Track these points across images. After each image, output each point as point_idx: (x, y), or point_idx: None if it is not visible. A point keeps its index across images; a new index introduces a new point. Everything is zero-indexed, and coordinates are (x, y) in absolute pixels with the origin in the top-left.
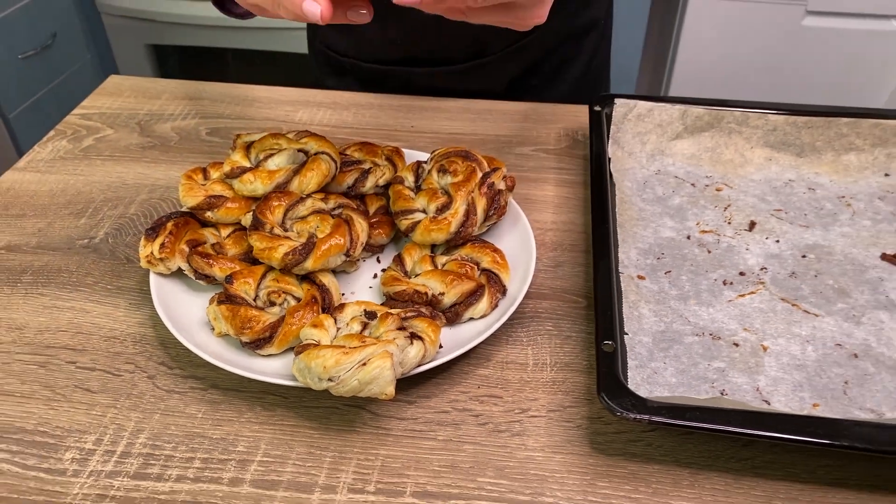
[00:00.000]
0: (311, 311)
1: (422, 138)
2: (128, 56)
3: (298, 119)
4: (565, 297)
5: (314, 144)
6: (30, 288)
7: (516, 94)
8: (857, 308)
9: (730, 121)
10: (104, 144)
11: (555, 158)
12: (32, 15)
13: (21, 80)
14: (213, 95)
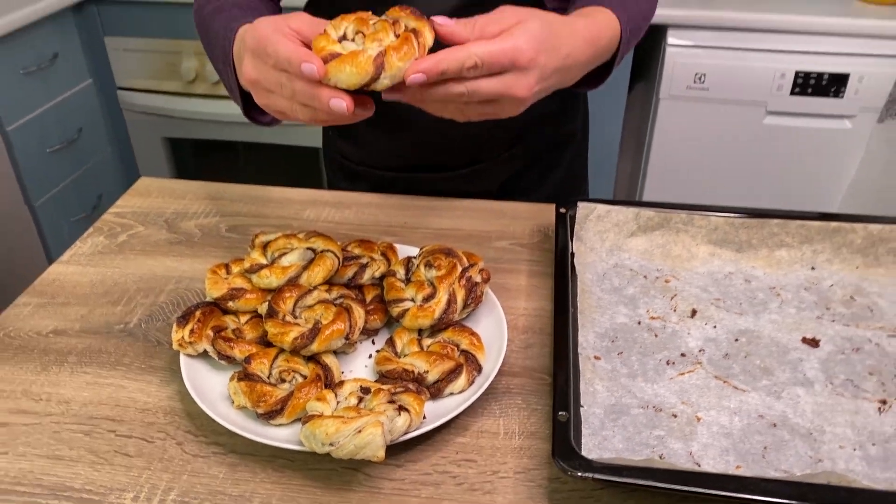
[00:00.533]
0: (316, 387)
1: (414, 233)
2: (146, 149)
3: (306, 216)
4: (534, 374)
5: (321, 243)
6: (75, 367)
7: (507, 196)
8: (779, 384)
9: (677, 221)
10: (136, 240)
11: (528, 252)
12: (62, 112)
13: (47, 171)
14: (231, 196)
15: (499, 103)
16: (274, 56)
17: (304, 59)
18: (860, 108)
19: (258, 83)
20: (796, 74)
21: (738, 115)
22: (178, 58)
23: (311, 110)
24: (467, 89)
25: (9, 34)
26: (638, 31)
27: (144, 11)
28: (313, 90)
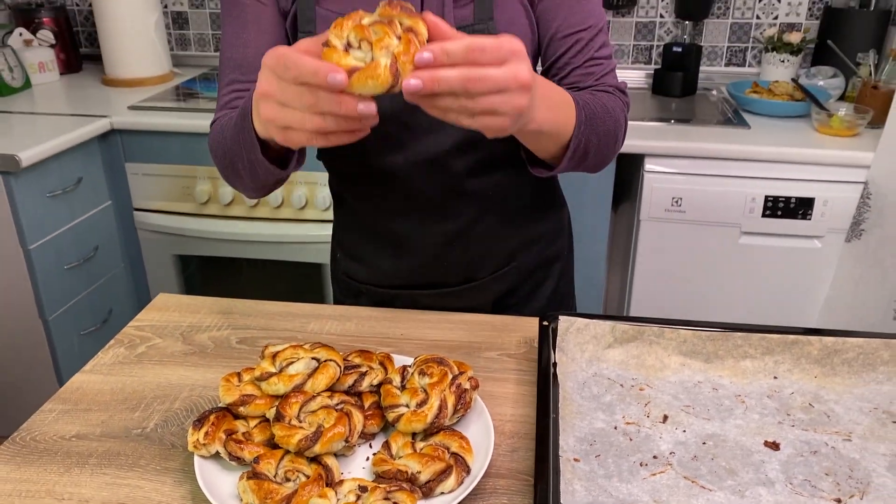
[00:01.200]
0: (318, 486)
1: (409, 344)
2: (156, 265)
3: (310, 329)
4: (519, 476)
5: (324, 353)
6: (95, 469)
7: (500, 311)
8: (743, 484)
9: (649, 334)
10: (154, 351)
11: (515, 362)
12: (81, 231)
13: (62, 287)
14: (241, 310)
15: (507, 93)
16: (296, 69)
17: (331, 70)
18: (828, 229)
19: (271, 96)
20: (766, 198)
21: (715, 235)
22: (194, 182)
23: (323, 119)
24: (480, 74)
25: (40, 161)
26: (592, 141)
27: (163, 140)
28: (339, 98)
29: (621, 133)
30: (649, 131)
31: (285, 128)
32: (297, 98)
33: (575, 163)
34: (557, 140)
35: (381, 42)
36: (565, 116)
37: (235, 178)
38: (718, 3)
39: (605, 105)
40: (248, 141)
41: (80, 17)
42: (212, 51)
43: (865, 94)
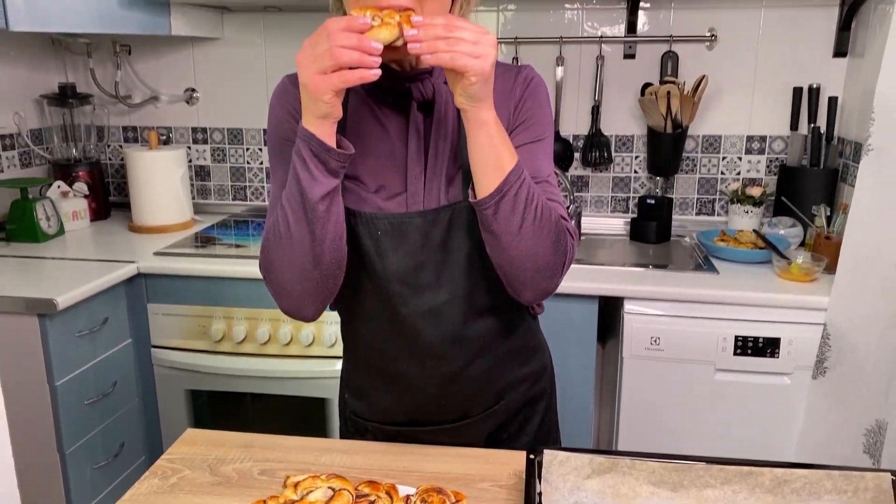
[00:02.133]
0: None
1: (411, 475)
2: (169, 400)
3: (323, 461)
4: None
5: (338, 483)
6: None
7: (492, 446)
8: None
9: (623, 466)
10: (184, 482)
11: (506, 492)
12: (102, 368)
13: (81, 421)
14: (262, 444)
15: (481, 43)
16: (335, 24)
17: (358, 17)
18: (795, 366)
19: (306, 50)
20: (736, 338)
21: (692, 372)
22: (210, 321)
23: (348, 51)
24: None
25: (74, 304)
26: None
27: (183, 283)
28: (360, 36)
29: (562, 257)
30: (629, 275)
31: (318, 72)
32: (325, 41)
33: (507, 214)
34: (498, 159)
35: (390, 14)
36: (508, 145)
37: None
38: (686, 161)
39: (547, 204)
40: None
41: (112, 170)
42: (230, 200)
43: (820, 243)
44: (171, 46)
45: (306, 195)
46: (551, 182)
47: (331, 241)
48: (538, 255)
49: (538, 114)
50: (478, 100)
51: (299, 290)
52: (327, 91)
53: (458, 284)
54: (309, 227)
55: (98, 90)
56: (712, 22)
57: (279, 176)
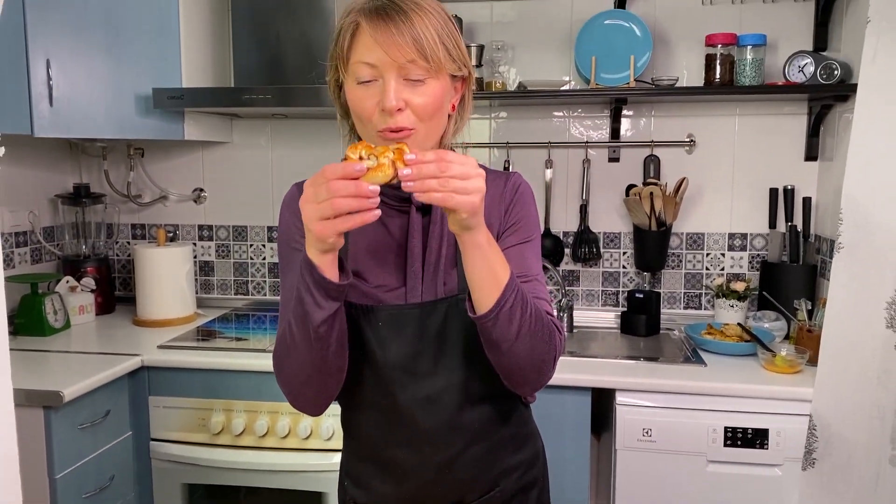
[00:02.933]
0: None
1: None
2: (165, 493)
3: None
4: None
5: None
6: None
7: None
8: None
9: None
10: None
11: None
12: (102, 461)
13: None
14: None
15: (470, 179)
16: (330, 170)
17: (355, 164)
18: (785, 458)
19: (309, 200)
20: (726, 429)
21: (685, 464)
22: (209, 413)
23: (347, 200)
24: (448, 163)
25: (78, 397)
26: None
27: (185, 376)
28: (357, 182)
29: (553, 353)
30: (620, 368)
31: (321, 219)
32: (326, 190)
33: (506, 326)
34: (494, 277)
35: (383, 153)
36: (503, 263)
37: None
38: (672, 257)
39: (539, 308)
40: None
41: (119, 266)
42: (232, 294)
43: (803, 336)
44: (183, 149)
45: (309, 318)
46: (540, 280)
47: (333, 353)
48: (535, 356)
49: (526, 217)
50: (470, 228)
51: (306, 393)
52: (331, 235)
53: (454, 373)
54: (313, 344)
55: (111, 190)
56: (690, 128)
57: (288, 281)
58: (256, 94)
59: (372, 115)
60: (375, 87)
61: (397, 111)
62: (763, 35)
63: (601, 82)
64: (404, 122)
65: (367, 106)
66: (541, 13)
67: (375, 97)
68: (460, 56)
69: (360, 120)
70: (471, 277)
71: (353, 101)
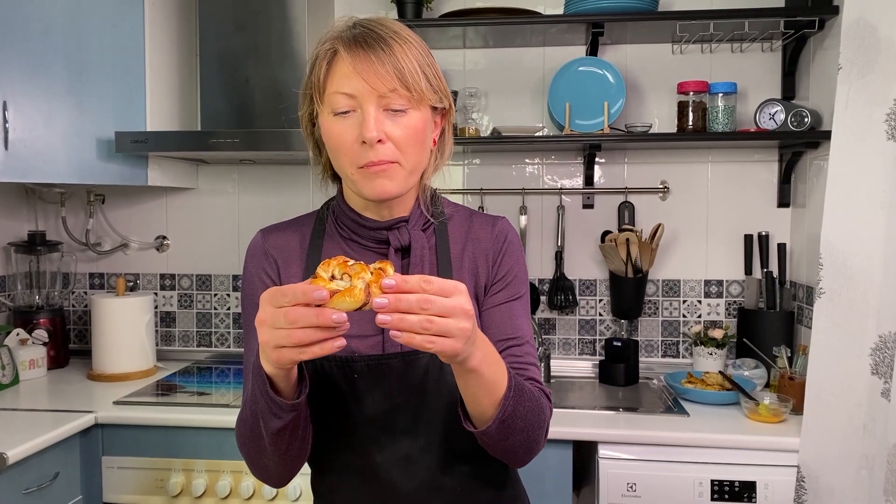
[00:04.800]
0: None
1: None
2: None
3: None
4: None
5: None
6: None
7: None
8: None
9: None
10: None
11: None
12: None
13: None
14: None
15: (454, 317)
16: (290, 293)
17: (315, 289)
18: None
19: (265, 322)
20: (712, 482)
21: None
22: (168, 474)
23: (304, 331)
24: (431, 298)
25: (24, 458)
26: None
27: (142, 433)
28: (320, 311)
29: (545, 427)
30: (601, 419)
31: (277, 347)
32: (284, 318)
33: (504, 431)
34: (490, 392)
35: (359, 274)
36: (499, 371)
37: (258, 452)
38: (648, 304)
39: (533, 392)
40: (260, 384)
41: (75, 317)
42: (195, 346)
43: (785, 384)
44: (145, 196)
45: (266, 423)
46: (530, 342)
47: (295, 448)
48: (529, 440)
49: (515, 269)
50: (461, 361)
51: (267, 473)
52: (288, 363)
53: (435, 430)
54: (269, 443)
55: (68, 237)
56: (664, 175)
57: (252, 343)
58: (223, 139)
59: (350, 150)
60: (353, 118)
61: (378, 143)
62: (734, 83)
63: (575, 128)
64: (386, 154)
65: (346, 139)
66: (513, 61)
67: (354, 129)
68: (441, 87)
69: (336, 154)
70: (464, 394)
71: (330, 134)
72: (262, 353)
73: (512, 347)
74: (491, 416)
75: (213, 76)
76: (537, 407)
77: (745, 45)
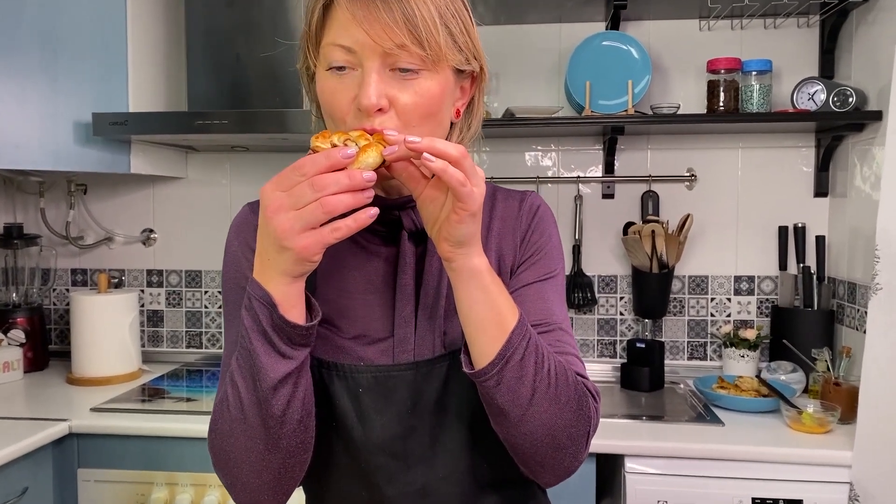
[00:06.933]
0: None
1: None
2: None
3: None
4: None
5: None
6: None
7: None
8: None
9: None
10: None
11: None
12: None
13: None
14: None
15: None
16: (309, 163)
17: (340, 149)
18: None
19: (281, 207)
20: (753, 501)
21: None
22: (150, 488)
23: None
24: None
25: None
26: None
27: (122, 444)
28: (349, 172)
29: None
30: (627, 429)
31: (304, 230)
32: (309, 191)
33: (511, 380)
34: (497, 318)
35: (362, 136)
36: (507, 297)
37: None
38: (673, 303)
39: (563, 367)
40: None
41: (56, 316)
42: (184, 347)
43: (829, 390)
44: (130, 186)
45: (263, 374)
46: (566, 329)
47: (296, 424)
48: (557, 430)
49: (547, 246)
50: (467, 243)
51: (257, 483)
52: (320, 251)
53: (457, 456)
54: (266, 412)
55: (48, 230)
56: (690, 162)
57: (233, 334)
58: (211, 120)
59: (346, 115)
60: (351, 77)
61: (377, 111)
62: (769, 60)
63: (596, 109)
64: (387, 124)
65: (340, 101)
66: (527, 39)
67: (351, 90)
68: (469, 44)
69: (330, 119)
70: (466, 319)
71: (323, 93)
72: (273, 263)
73: (543, 335)
74: (497, 355)
75: (200, 54)
76: (568, 384)
77: (780, 20)
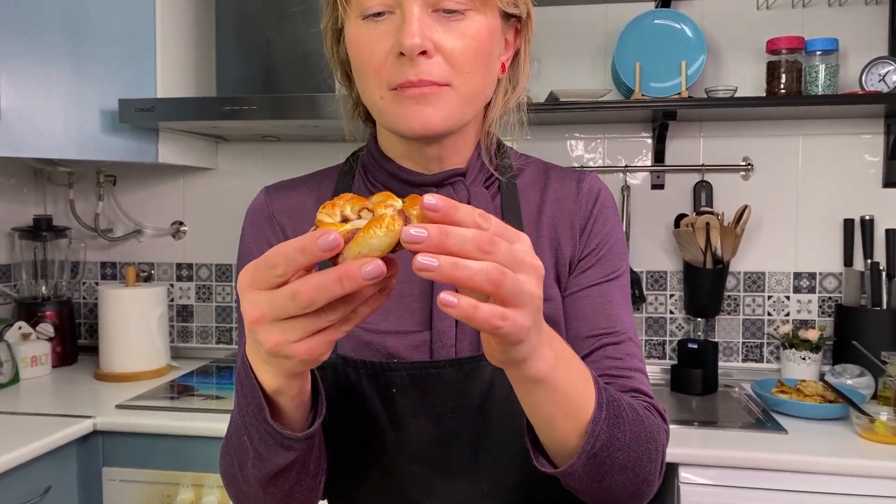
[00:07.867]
0: None
1: None
2: None
3: None
4: None
5: None
6: None
7: None
8: None
9: None
10: None
11: None
12: None
13: None
14: None
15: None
16: (281, 258)
17: (321, 234)
18: None
19: (263, 319)
20: None
21: None
22: (175, 489)
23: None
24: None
25: (8, 470)
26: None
27: (149, 442)
28: (342, 272)
29: (659, 459)
30: (680, 436)
31: (300, 338)
32: (293, 302)
33: (596, 469)
34: (571, 413)
35: (384, 202)
36: (581, 380)
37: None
38: (727, 301)
39: (637, 410)
40: (253, 409)
41: (85, 310)
42: (213, 343)
43: None
44: (160, 177)
45: (260, 463)
46: (633, 339)
47: (307, 486)
48: (636, 478)
49: (611, 240)
50: (519, 361)
51: None
52: (328, 348)
53: (503, 468)
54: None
55: (77, 223)
56: (746, 150)
57: None
58: (241, 105)
59: (383, 65)
60: (390, 22)
61: (421, 54)
62: (835, 39)
63: (647, 92)
64: (431, 72)
65: (377, 50)
66: (571, 20)
67: (389, 37)
68: None
69: (363, 72)
70: (533, 416)
71: (356, 44)
72: (259, 363)
73: (607, 346)
74: (575, 449)
75: (230, 39)
76: (645, 431)
77: None
